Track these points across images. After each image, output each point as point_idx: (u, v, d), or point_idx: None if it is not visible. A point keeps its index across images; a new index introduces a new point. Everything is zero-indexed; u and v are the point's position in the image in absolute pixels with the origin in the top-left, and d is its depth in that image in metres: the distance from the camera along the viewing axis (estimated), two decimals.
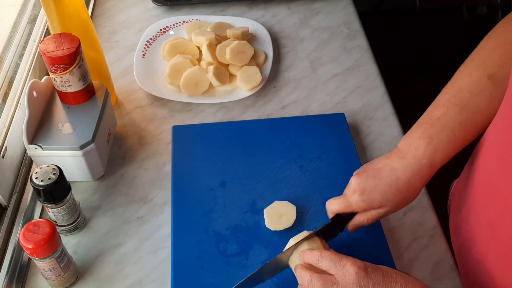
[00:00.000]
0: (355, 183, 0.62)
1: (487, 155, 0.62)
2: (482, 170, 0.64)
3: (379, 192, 0.60)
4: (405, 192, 0.60)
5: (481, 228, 0.63)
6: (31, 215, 0.75)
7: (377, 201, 0.61)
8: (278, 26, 1.07)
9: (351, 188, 0.62)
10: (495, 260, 0.61)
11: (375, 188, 0.60)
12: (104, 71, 0.86)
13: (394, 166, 0.61)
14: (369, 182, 0.61)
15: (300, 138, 0.82)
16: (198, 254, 0.68)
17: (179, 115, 0.89)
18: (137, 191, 0.78)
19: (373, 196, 0.60)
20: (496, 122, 0.60)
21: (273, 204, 0.72)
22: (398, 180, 0.60)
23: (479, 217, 0.64)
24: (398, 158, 0.61)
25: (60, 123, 0.74)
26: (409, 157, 0.60)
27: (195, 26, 1.01)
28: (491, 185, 0.60)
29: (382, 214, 0.62)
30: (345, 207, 0.63)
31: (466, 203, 0.69)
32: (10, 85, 0.84)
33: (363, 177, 0.62)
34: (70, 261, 0.65)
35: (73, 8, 0.75)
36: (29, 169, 0.80)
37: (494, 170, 0.60)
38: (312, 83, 0.95)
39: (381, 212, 0.62)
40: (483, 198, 0.63)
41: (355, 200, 0.61)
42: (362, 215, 0.63)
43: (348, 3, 1.12)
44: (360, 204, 0.61)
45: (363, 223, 0.64)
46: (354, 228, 0.65)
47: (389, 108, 0.90)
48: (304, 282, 0.56)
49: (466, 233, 0.68)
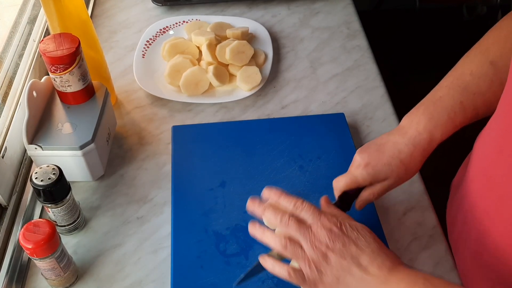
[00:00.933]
0: (359, 158, 0.64)
1: (485, 147, 0.63)
2: (479, 162, 0.65)
3: (383, 164, 0.62)
4: (407, 163, 0.62)
5: (478, 218, 0.64)
6: (31, 215, 0.75)
7: (382, 172, 0.62)
8: (278, 26, 1.07)
9: (356, 164, 0.64)
10: (491, 250, 0.61)
11: (379, 160, 0.62)
12: (104, 71, 0.86)
13: (396, 141, 0.63)
14: (373, 155, 0.63)
15: (300, 138, 0.82)
16: (198, 254, 0.68)
17: (179, 115, 0.89)
18: (137, 191, 0.78)
19: (378, 168, 0.62)
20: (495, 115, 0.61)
21: None
22: (400, 153, 0.62)
23: (476, 208, 0.64)
24: (400, 134, 0.63)
25: (60, 123, 0.74)
26: (410, 132, 0.62)
27: (195, 26, 1.01)
28: (488, 176, 0.61)
29: (386, 187, 0.64)
30: (351, 182, 0.64)
31: (462, 194, 0.70)
32: (10, 85, 0.84)
33: (366, 152, 0.64)
34: (70, 261, 0.65)
35: (73, 8, 0.75)
36: (29, 169, 0.80)
37: (492, 161, 0.61)
38: (312, 83, 0.95)
39: (385, 185, 0.64)
40: (480, 189, 0.64)
41: (360, 174, 0.63)
42: (368, 190, 0.64)
43: (348, 3, 1.12)
44: (366, 177, 0.63)
45: (369, 198, 0.65)
46: (362, 204, 0.66)
47: (389, 108, 0.90)
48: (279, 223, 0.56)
49: (463, 224, 0.68)
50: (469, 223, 0.66)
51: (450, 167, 0.64)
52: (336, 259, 0.53)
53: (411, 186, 0.78)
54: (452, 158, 0.62)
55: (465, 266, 0.68)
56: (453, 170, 0.80)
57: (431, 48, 2.23)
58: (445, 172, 0.64)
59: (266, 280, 0.66)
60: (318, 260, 0.53)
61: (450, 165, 0.62)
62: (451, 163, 0.62)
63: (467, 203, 0.67)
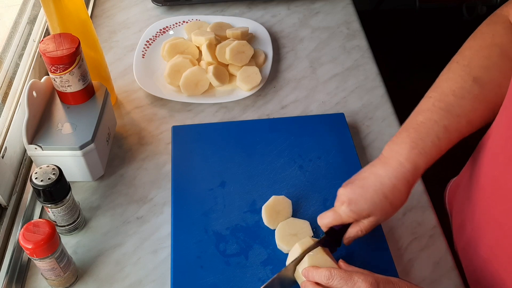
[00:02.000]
0: (342, 194, 0.62)
1: (492, 154, 0.62)
2: (487, 169, 0.63)
3: (366, 200, 0.60)
4: (391, 197, 0.60)
5: (488, 227, 0.63)
6: (31, 215, 0.75)
7: (365, 209, 0.60)
8: (278, 26, 1.07)
9: (339, 200, 0.62)
10: (503, 259, 0.61)
11: (361, 196, 0.60)
12: (103, 71, 0.86)
13: (379, 173, 0.60)
14: (356, 191, 0.60)
15: (300, 138, 0.82)
16: (198, 254, 0.68)
17: (179, 115, 0.89)
18: (137, 191, 0.78)
19: (361, 205, 0.60)
20: (499, 120, 0.60)
21: (270, 200, 0.72)
22: (383, 186, 0.59)
23: (486, 216, 0.64)
24: (382, 165, 0.60)
25: (60, 123, 0.74)
26: (392, 163, 0.60)
27: (194, 26, 1.01)
28: (498, 185, 0.60)
29: (373, 223, 0.62)
30: (335, 219, 0.62)
31: (471, 202, 0.68)
32: (10, 85, 0.84)
33: (349, 188, 0.61)
34: (70, 261, 0.65)
35: (72, 8, 0.75)
36: (29, 169, 0.80)
37: (501, 170, 0.59)
38: (312, 83, 0.95)
39: (372, 221, 0.62)
40: (490, 198, 0.62)
41: (343, 211, 0.61)
42: (355, 227, 0.63)
43: (348, 3, 1.12)
44: (349, 214, 0.61)
45: (357, 234, 0.63)
46: (349, 241, 0.64)
47: (389, 108, 0.90)
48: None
49: (472, 231, 0.68)
50: (479, 231, 0.66)
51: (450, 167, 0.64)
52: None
53: None
54: (452, 158, 0.61)
55: (475, 274, 0.68)
56: (453, 170, 0.80)
57: (431, 48, 2.23)
58: (445, 172, 0.64)
59: (266, 280, 0.66)
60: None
61: (450, 165, 0.62)
62: (451, 163, 0.62)
63: (477, 211, 0.66)
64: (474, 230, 0.67)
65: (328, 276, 0.55)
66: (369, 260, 0.67)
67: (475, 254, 0.67)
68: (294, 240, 0.67)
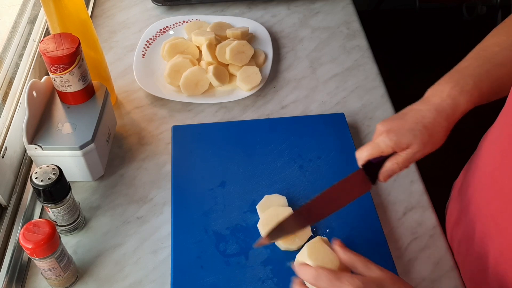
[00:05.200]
0: (381, 126, 0.61)
1: (489, 151, 0.63)
2: (484, 166, 0.64)
3: (406, 130, 0.59)
4: (431, 129, 0.59)
5: (483, 223, 0.63)
6: (31, 215, 0.75)
7: (404, 138, 0.59)
8: (278, 26, 1.07)
9: (378, 132, 0.62)
10: (496, 254, 0.61)
11: (402, 126, 0.60)
12: (104, 71, 0.86)
13: (419, 108, 0.61)
14: (396, 122, 0.61)
15: (300, 138, 0.82)
16: (198, 254, 0.68)
17: (179, 115, 0.89)
18: (137, 191, 0.78)
19: (401, 134, 0.59)
20: (498, 119, 0.60)
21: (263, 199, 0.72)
22: (423, 118, 0.59)
23: (482, 212, 0.64)
24: (423, 102, 0.61)
25: (60, 123, 0.74)
26: (433, 99, 0.60)
27: (195, 26, 1.01)
28: (494, 181, 0.60)
29: (410, 155, 0.60)
30: (373, 150, 0.61)
31: (466, 198, 0.69)
32: (10, 85, 0.84)
33: (389, 120, 0.61)
34: (70, 261, 0.65)
35: (73, 8, 0.75)
36: (29, 169, 0.80)
37: (497, 167, 0.60)
38: (312, 83, 0.95)
39: (409, 153, 0.60)
40: (486, 194, 0.63)
41: (382, 141, 0.60)
42: (391, 160, 0.61)
43: (348, 3, 1.12)
44: (388, 143, 0.60)
45: (393, 168, 0.62)
46: (386, 176, 0.63)
47: (389, 108, 0.90)
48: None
49: (467, 227, 0.68)
50: (473, 227, 0.66)
51: (450, 167, 0.64)
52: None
53: (411, 186, 0.78)
54: (452, 158, 0.62)
55: (469, 269, 0.68)
56: (453, 170, 0.80)
57: (431, 48, 2.23)
58: (445, 172, 0.64)
59: (266, 280, 0.66)
60: None
61: (451, 165, 0.62)
62: (451, 163, 0.62)
63: (472, 207, 0.67)
64: (469, 225, 0.67)
65: (315, 276, 0.53)
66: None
67: (469, 249, 0.67)
68: None
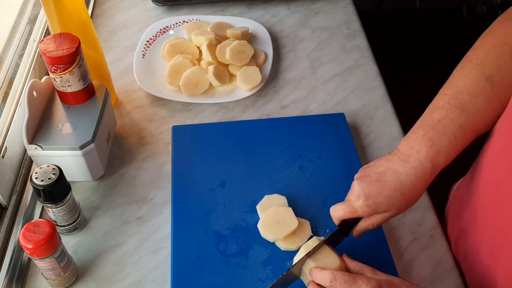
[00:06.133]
0: (359, 188, 0.61)
1: (494, 159, 0.62)
2: (489, 175, 0.63)
3: (384, 197, 0.59)
4: (409, 195, 0.60)
5: (491, 233, 0.63)
6: (31, 215, 0.75)
7: (382, 205, 0.60)
8: (278, 26, 1.07)
9: (355, 193, 0.61)
10: (506, 265, 0.61)
11: (380, 193, 0.60)
12: (104, 71, 0.86)
13: (397, 170, 0.60)
14: (373, 187, 0.60)
15: (300, 138, 0.82)
16: (198, 254, 0.68)
17: (179, 115, 0.89)
18: (137, 191, 0.78)
19: (378, 201, 0.60)
20: (501, 125, 0.60)
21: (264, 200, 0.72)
22: (402, 185, 0.59)
23: (488, 222, 0.63)
24: (401, 162, 0.60)
25: (60, 123, 0.74)
26: (411, 161, 0.59)
27: (195, 26, 1.01)
28: (501, 191, 0.60)
29: (386, 218, 0.62)
30: (350, 212, 0.62)
31: (472, 208, 0.68)
32: (10, 85, 0.84)
33: (366, 182, 0.61)
34: (70, 261, 0.65)
35: (73, 8, 0.75)
36: (29, 169, 0.80)
37: (503, 176, 0.59)
38: (312, 83, 0.95)
39: (385, 216, 0.62)
40: (492, 203, 0.62)
41: (360, 206, 0.60)
42: (367, 220, 0.63)
43: (348, 3, 1.12)
44: (366, 209, 0.60)
45: (368, 228, 0.63)
46: (359, 233, 0.65)
47: (389, 108, 0.90)
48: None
49: (473, 237, 0.67)
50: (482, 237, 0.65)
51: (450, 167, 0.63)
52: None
53: None
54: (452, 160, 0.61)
55: (477, 280, 0.67)
56: (453, 170, 0.80)
57: (431, 48, 2.23)
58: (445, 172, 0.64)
59: (266, 280, 0.66)
60: None
61: (450, 165, 0.62)
62: (451, 165, 0.62)
63: (478, 217, 0.66)
64: (476, 236, 0.67)
65: (332, 278, 0.56)
66: (369, 260, 0.67)
67: (476, 260, 0.67)
68: (277, 228, 0.68)
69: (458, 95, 0.60)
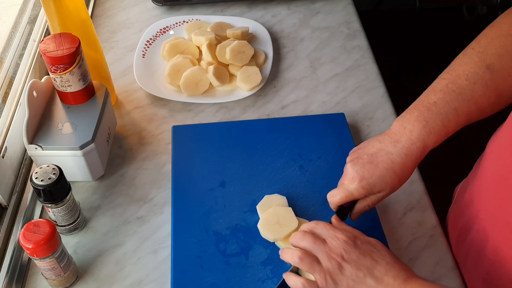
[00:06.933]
0: (352, 171, 0.62)
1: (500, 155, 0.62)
2: (495, 170, 0.63)
3: (377, 177, 0.61)
4: (401, 174, 0.61)
5: (497, 228, 0.63)
6: (31, 215, 0.75)
7: (376, 186, 0.61)
8: (278, 26, 1.07)
9: (349, 177, 0.63)
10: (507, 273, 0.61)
11: (373, 174, 0.61)
12: (104, 71, 0.86)
13: (388, 150, 0.61)
14: (366, 168, 0.61)
15: (300, 138, 0.82)
16: (198, 254, 0.68)
17: (179, 115, 0.89)
18: (137, 191, 0.78)
19: (373, 182, 0.61)
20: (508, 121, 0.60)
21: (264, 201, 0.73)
22: (394, 164, 0.61)
23: (494, 217, 0.64)
24: (392, 142, 0.62)
25: (60, 123, 0.74)
26: (403, 140, 0.61)
27: (195, 26, 1.01)
28: (507, 183, 0.60)
29: (380, 198, 0.63)
30: (346, 196, 0.63)
31: (476, 204, 0.68)
32: (10, 85, 0.84)
33: (359, 164, 0.62)
34: (70, 261, 0.65)
35: (73, 8, 0.75)
36: (29, 169, 0.80)
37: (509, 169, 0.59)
38: (312, 83, 0.95)
39: (379, 196, 0.63)
40: (498, 198, 0.63)
41: (355, 188, 0.62)
42: (363, 202, 0.64)
43: (348, 3, 1.12)
44: (361, 191, 0.62)
45: (364, 209, 0.65)
46: (357, 216, 0.66)
47: (389, 108, 0.90)
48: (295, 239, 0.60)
49: (477, 234, 0.67)
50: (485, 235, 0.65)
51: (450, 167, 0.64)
52: (351, 270, 0.54)
53: (411, 186, 0.78)
54: (452, 158, 0.61)
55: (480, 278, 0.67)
56: (453, 170, 0.80)
57: (431, 48, 2.23)
58: (445, 172, 0.64)
59: (266, 280, 0.66)
60: (333, 271, 0.55)
61: (451, 165, 0.62)
62: (451, 163, 0.62)
63: (482, 212, 0.66)
64: (480, 232, 0.67)
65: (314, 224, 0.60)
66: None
67: (480, 257, 0.67)
68: (277, 228, 0.69)
69: (456, 79, 0.61)
